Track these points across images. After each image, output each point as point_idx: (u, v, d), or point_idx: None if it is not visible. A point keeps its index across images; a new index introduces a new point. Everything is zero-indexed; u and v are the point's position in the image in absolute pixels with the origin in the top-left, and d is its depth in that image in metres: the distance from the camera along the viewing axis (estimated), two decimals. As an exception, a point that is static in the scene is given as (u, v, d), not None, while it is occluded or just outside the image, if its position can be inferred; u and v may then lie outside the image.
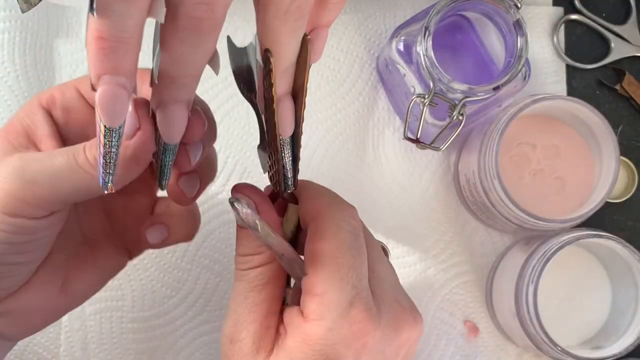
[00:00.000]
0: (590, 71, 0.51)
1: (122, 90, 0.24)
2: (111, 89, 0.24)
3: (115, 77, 0.24)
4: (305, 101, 0.30)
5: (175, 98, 0.27)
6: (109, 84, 0.24)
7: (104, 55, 0.23)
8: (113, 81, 0.24)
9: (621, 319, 0.46)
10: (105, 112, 0.24)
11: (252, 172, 0.49)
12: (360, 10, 0.50)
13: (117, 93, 0.24)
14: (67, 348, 0.48)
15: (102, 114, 0.24)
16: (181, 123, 0.28)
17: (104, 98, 0.24)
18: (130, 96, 0.25)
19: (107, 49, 0.23)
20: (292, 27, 0.26)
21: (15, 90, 0.48)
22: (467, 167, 0.47)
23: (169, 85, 0.27)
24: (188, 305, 0.49)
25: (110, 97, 0.24)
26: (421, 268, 0.49)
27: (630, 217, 0.50)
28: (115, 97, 0.24)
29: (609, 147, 0.44)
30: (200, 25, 0.24)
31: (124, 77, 0.24)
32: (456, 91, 0.41)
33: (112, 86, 0.24)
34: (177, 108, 0.28)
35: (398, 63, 0.44)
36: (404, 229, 0.49)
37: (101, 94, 0.24)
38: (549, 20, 0.51)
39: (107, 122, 0.25)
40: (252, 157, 0.49)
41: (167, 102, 0.27)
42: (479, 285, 0.50)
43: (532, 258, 0.44)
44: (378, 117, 0.50)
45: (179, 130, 0.28)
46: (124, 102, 0.24)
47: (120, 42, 0.23)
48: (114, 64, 0.24)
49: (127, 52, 0.24)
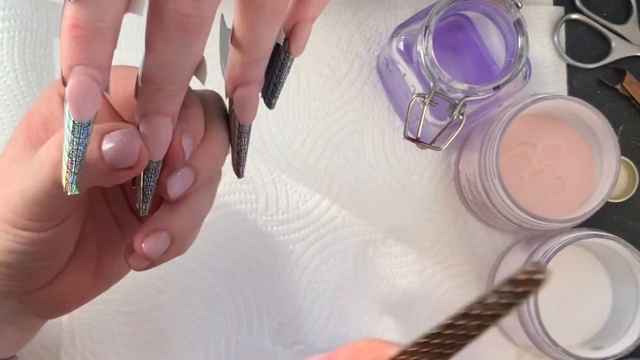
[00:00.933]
0: (591, 71, 0.51)
1: (94, 83, 0.23)
2: (83, 80, 0.23)
3: (88, 68, 0.23)
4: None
5: (160, 109, 0.26)
6: (81, 75, 0.23)
7: (78, 45, 0.22)
8: (86, 72, 0.23)
9: (622, 319, 0.46)
10: (75, 105, 0.23)
11: (249, 167, 0.49)
12: (360, 9, 0.50)
13: (90, 86, 0.23)
14: (67, 348, 0.47)
15: (71, 107, 0.23)
16: (164, 138, 0.26)
17: (74, 90, 0.23)
18: (102, 91, 0.23)
19: (81, 38, 0.22)
20: (267, 20, 0.26)
21: (15, 90, 0.48)
22: (468, 166, 0.47)
23: (154, 93, 0.25)
24: (184, 300, 0.48)
25: (82, 90, 0.23)
26: (419, 268, 0.49)
27: (630, 217, 0.50)
28: (87, 90, 0.23)
29: (609, 147, 0.44)
30: (187, 24, 0.23)
31: (97, 70, 0.23)
32: (456, 91, 0.41)
33: (85, 78, 0.23)
34: (162, 121, 0.26)
35: (398, 62, 0.44)
36: (403, 228, 0.49)
37: (72, 86, 0.23)
38: (550, 20, 0.51)
39: (76, 116, 0.23)
40: (249, 152, 0.49)
41: (151, 113, 0.26)
42: (479, 285, 0.50)
43: (533, 258, 0.44)
44: (378, 116, 0.50)
45: (161, 146, 0.27)
46: (95, 96, 0.23)
47: (97, 32, 0.22)
48: (88, 54, 0.22)
49: (103, 44, 0.23)
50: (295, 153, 0.49)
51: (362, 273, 0.49)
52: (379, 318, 0.49)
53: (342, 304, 0.49)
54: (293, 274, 0.49)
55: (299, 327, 0.49)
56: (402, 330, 0.49)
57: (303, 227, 0.49)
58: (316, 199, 0.49)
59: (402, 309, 0.49)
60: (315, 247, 0.49)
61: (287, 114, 0.49)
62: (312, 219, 0.49)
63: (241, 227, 0.49)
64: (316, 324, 0.49)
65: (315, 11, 0.28)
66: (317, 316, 0.49)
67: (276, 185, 0.49)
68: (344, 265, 0.49)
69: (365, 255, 0.49)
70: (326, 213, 0.49)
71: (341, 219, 0.49)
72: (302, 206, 0.49)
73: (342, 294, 0.49)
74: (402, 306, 0.49)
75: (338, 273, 0.49)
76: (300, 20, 0.28)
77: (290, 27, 0.28)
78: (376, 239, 0.49)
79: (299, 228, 0.49)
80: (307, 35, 0.28)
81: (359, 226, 0.49)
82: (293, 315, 0.49)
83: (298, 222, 0.49)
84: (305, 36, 0.28)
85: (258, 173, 0.49)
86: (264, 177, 0.49)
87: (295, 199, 0.49)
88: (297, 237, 0.49)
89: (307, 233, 0.49)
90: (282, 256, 0.49)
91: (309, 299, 0.49)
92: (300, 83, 0.50)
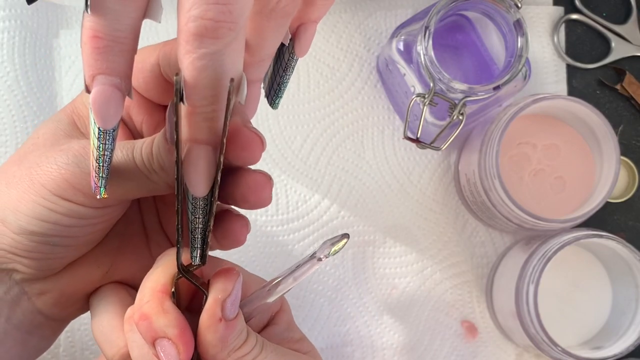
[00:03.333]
0: (591, 71, 0.51)
1: (116, 91, 0.24)
2: (106, 89, 0.23)
3: (109, 77, 0.23)
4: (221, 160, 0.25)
5: (198, 138, 0.25)
6: (103, 84, 0.23)
7: (98, 55, 0.23)
8: (107, 82, 0.23)
9: (621, 319, 0.46)
10: (99, 113, 0.24)
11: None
12: (360, 9, 0.50)
13: (112, 94, 0.23)
14: (67, 348, 0.47)
15: (96, 115, 0.24)
16: (208, 171, 0.25)
17: (98, 99, 0.23)
18: (124, 98, 0.24)
19: (101, 49, 0.23)
20: (276, 25, 0.26)
21: (15, 90, 0.48)
22: (468, 166, 0.47)
23: (191, 118, 0.24)
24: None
25: (105, 98, 0.23)
26: (419, 267, 0.49)
27: (630, 217, 0.50)
28: (110, 98, 0.23)
29: (609, 147, 0.44)
30: (216, 30, 0.22)
31: (118, 78, 0.24)
32: (456, 91, 0.41)
33: (107, 87, 0.23)
34: (203, 152, 0.25)
35: (398, 62, 0.44)
36: (403, 228, 0.49)
37: (95, 95, 0.23)
38: (550, 20, 0.51)
39: (101, 123, 0.24)
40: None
41: (190, 144, 0.25)
42: (478, 285, 0.50)
43: (533, 258, 0.44)
44: (378, 116, 0.50)
45: (205, 180, 0.25)
46: (118, 104, 0.24)
47: (116, 42, 0.23)
48: (108, 64, 0.23)
49: (122, 52, 0.23)
50: (295, 153, 0.49)
51: (362, 273, 0.49)
52: (379, 318, 0.49)
53: (342, 303, 0.49)
54: (293, 273, 0.49)
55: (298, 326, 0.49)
56: (401, 329, 0.49)
57: (303, 227, 0.49)
58: (316, 199, 0.49)
59: (401, 308, 0.49)
60: (315, 247, 0.49)
61: (287, 114, 0.49)
62: (312, 219, 0.49)
63: (241, 227, 0.49)
64: (316, 323, 0.49)
65: (320, 12, 0.28)
66: (316, 316, 0.49)
67: (276, 185, 0.49)
68: (343, 265, 0.49)
69: (365, 255, 0.49)
70: (326, 213, 0.49)
71: (341, 219, 0.49)
72: (302, 206, 0.49)
73: (341, 294, 0.49)
74: (401, 306, 0.49)
75: (337, 273, 0.49)
76: (304, 22, 0.28)
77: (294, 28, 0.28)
78: (376, 239, 0.49)
79: (298, 228, 0.49)
80: (312, 36, 0.29)
81: (358, 226, 0.49)
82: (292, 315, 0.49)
83: (298, 222, 0.49)
84: (310, 37, 0.29)
85: (258, 173, 0.49)
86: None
87: (295, 199, 0.49)
88: (297, 237, 0.49)
89: (306, 233, 0.49)
90: (282, 256, 0.49)
91: (308, 299, 0.49)
92: (300, 83, 0.50)
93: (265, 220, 0.49)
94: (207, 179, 0.25)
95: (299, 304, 0.49)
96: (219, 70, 0.23)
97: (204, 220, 0.25)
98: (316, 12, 0.28)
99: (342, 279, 0.49)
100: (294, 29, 0.29)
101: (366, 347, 0.49)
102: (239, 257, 0.49)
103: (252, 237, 0.49)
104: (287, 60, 0.29)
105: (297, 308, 0.49)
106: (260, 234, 0.49)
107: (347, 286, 0.49)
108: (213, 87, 0.23)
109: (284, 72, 0.30)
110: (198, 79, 0.23)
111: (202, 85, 0.23)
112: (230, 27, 0.22)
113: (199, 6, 0.22)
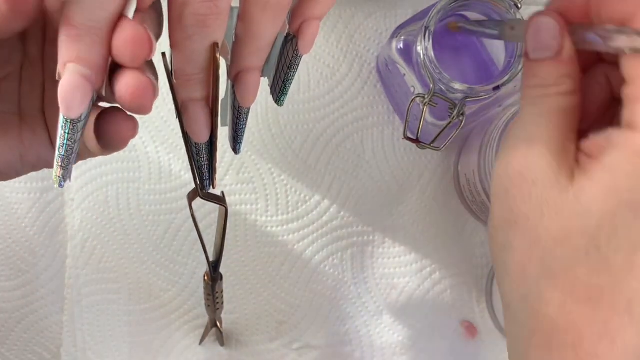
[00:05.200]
0: (591, 71, 0.51)
1: (84, 82, 0.23)
2: (73, 78, 0.23)
3: (79, 67, 0.23)
4: (218, 110, 0.28)
5: (193, 97, 0.27)
6: (72, 73, 0.23)
7: (70, 43, 0.23)
8: (77, 70, 0.23)
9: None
10: (64, 101, 0.23)
11: (249, 168, 0.49)
12: (360, 9, 0.50)
13: (79, 84, 0.23)
14: (67, 348, 0.48)
15: (61, 103, 0.24)
16: (205, 121, 0.28)
17: (64, 86, 0.23)
18: (93, 90, 0.24)
19: (73, 37, 0.23)
20: (272, 16, 0.27)
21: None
22: (467, 167, 0.47)
23: (186, 84, 0.27)
24: (185, 299, 0.49)
25: (71, 87, 0.23)
26: (418, 267, 0.49)
27: (630, 217, 0.50)
28: (76, 87, 0.23)
29: (609, 147, 0.44)
30: (205, 21, 0.24)
31: (89, 69, 0.23)
32: (456, 91, 0.41)
33: (75, 76, 0.23)
34: (199, 107, 0.27)
35: (398, 63, 0.44)
36: (402, 228, 0.50)
37: (63, 82, 0.23)
38: (550, 20, 0.51)
39: (64, 111, 0.24)
40: (249, 152, 0.49)
41: (187, 103, 0.27)
42: (478, 285, 0.50)
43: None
44: (378, 116, 0.50)
45: (204, 128, 0.28)
46: (85, 94, 0.24)
47: (88, 32, 0.23)
48: (79, 53, 0.23)
49: (94, 44, 0.23)
50: (295, 153, 0.49)
51: (361, 273, 0.49)
52: (378, 317, 0.49)
53: (341, 303, 0.49)
54: (292, 273, 0.49)
55: (298, 326, 0.49)
56: (401, 329, 0.49)
57: (303, 228, 0.49)
58: (316, 199, 0.49)
59: (400, 308, 0.49)
60: (315, 247, 0.49)
61: (287, 114, 0.49)
62: (312, 219, 0.49)
63: (241, 228, 0.49)
64: (315, 323, 0.49)
65: (322, 9, 0.28)
66: (316, 315, 0.49)
67: (276, 185, 0.49)
68: (343, 265, 0.49)
69: (364, 255, 0.49)
70: (326, 213, 0.49)
71: (341, 219, 0.49)
72: (302, 207, 0.49)
73: (340, 294, 0.49)
74: (400, 305, 0.49)
75: (337, 273, 0.49)
76: (307, 19, 0.28)
77: (297, 26, 0.28)
78: (375, 239, 0.49)
79: (298, 228, 0.49)
80: (315, 33, 0.29)
81: (358, 226, 0.49)
82: (292, 315, 0.49)
83: (298, 222, 0.49)
84: (313, 34, 0.29)
85: (258, 174, 0.49)
86: (264, 178, 0.49)
87: (295, 199, 0.49)
88: (296, 237, 0.49)
89: (306, 233, 0.49)
90: (282, 256, 0.49)
91: (308, 299, 0.49)
92: (300, 83, 0.50)
93: (265, 220, 0.49)
94: (207, 128, 0.28)
95: (299, 304, 0.49)
96: (207, 44, 0.25)
97: (208, 158, 0.30)
98: (319, 9, 0.28)
99: (342, 279, 0.49)
100: (296, 26, 0.29)
101: (366, 347, 0.49)
102: (239, 257, 0.49)
103: (252, 237, 0.49)
104: (292, 58, 0.30)
105: (297, 308, 0.49)
106: (260, 234, 0.49)
107: (347, 286, 0.49)
108: (204, 59, 0.26)
109: (289, 70, 0.30)
110: (191, 57, 0.26)
111: (195, 59, 0.26)
112: (217, 17, 0.25)
113: (191, 4, 0.24)
